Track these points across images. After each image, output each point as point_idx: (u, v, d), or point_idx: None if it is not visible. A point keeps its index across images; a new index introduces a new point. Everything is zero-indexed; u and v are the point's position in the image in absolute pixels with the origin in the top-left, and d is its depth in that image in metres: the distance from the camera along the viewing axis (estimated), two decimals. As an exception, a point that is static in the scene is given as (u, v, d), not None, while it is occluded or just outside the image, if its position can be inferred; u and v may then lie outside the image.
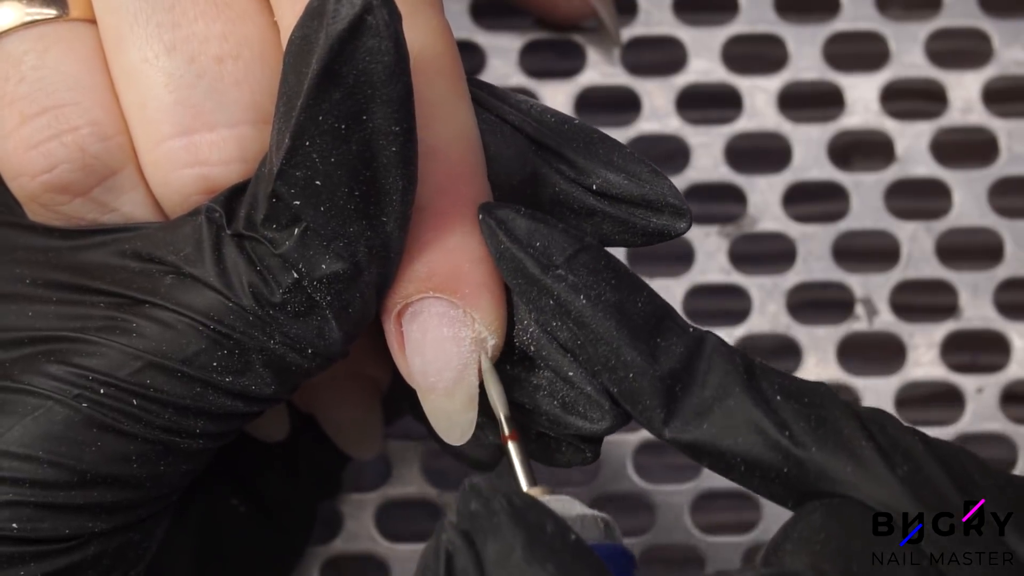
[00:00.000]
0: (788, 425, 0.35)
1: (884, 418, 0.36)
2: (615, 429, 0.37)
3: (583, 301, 0.36)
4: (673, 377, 0.36)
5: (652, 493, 0.53)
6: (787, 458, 0.35)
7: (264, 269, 0.36)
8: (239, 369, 0.36)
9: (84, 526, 0.36)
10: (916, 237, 0.55)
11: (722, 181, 0.55)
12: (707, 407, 0.36)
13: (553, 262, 0.37)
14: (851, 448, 0.35)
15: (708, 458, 0.36)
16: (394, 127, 0.35)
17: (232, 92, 0.37)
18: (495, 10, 0.56)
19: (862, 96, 0.56)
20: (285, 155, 0.35)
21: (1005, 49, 0.56)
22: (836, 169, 0.55)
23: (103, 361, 0.36)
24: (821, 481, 0.35)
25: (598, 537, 0.36)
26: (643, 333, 0.36)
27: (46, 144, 0.37)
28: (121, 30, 0.37)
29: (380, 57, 0.34)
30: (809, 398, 0.36)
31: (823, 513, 0.35)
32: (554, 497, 0.36)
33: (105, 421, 0.36)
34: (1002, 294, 0.54)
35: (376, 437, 0.47)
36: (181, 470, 0.37)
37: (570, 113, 0.55)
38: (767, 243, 0.55)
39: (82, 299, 0.37)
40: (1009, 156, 0.55)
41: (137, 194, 0.38)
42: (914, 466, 0.35)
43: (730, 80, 0.56)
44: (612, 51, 0.56)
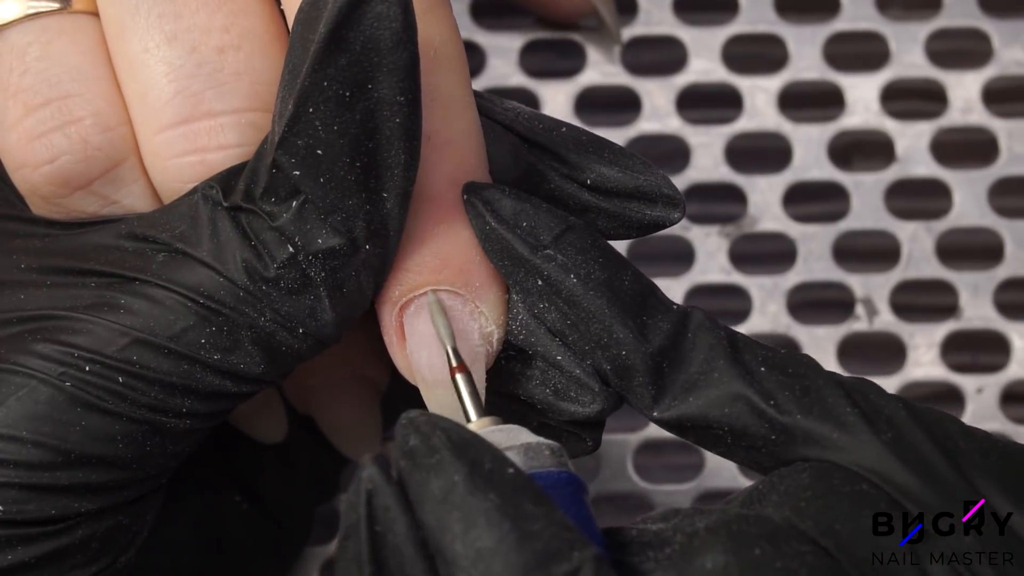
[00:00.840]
0: (773, 395, 0.36)
1: (867, 387, 0.36)
2: (608, 412, 0.37)
3: (573, 280, 0.36)
4: (662, 354, 0.36)
5: (652, 493, 0.53)
6: (773, 426, 0.36)
7: (259, 244, 0.36)
8: (228, 347, 0.36)
9: (70, 507, 0.36)
10: (916, 237, 0.55)
11: (722, 181, 0.55)
12: (693, 382, 0.36)
13: (541, 242, 0.37)
14: (836, 415, 0.35)
15: (695, 432, 0.36)
16: (399, 97, 0.35)
17: (232, 83, 0.37)
18: (495, 10, 0.56)
19: (862, 96, 0.56)
20: (288, 122, 0.35)
21: (1005, 49, 0.56)
22: (836, 169, 0.55)
23: (89, 338, 0.36)
24: (807, 447, 0.35)
25: (544, 464, 0.35)
26: (632, 310, 0.36)
27: (49, 135, 0.37)
28: (123, 20, 0.37)
29: (388, 23, 0.34)
30: (793, 368, 0.36)
31: (811, 474, 0.35)
32: (500, 427, 0.36)
33: (89, 400, 0.36)
34: (1002, 294, 0.54)
35: (374, 439, 0.47)
36: (168, 451, 0.37)
37: (570, 113, 0.55)
38: (767, 243, 0.55)
39: (74, 280, 0.37)
40: (1009, 156, 0.55)
41: (138, 186, 0.38)
42: (898, 432, 0.35)
43: (730, 80, 0.56)
44: (612, 51, 0.56)
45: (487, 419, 0.36)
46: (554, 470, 0.35)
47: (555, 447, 0.36)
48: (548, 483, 0.34)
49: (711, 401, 0.36)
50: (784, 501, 0.35)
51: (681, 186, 0.55)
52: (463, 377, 0.37)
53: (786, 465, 0.36)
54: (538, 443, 0.35)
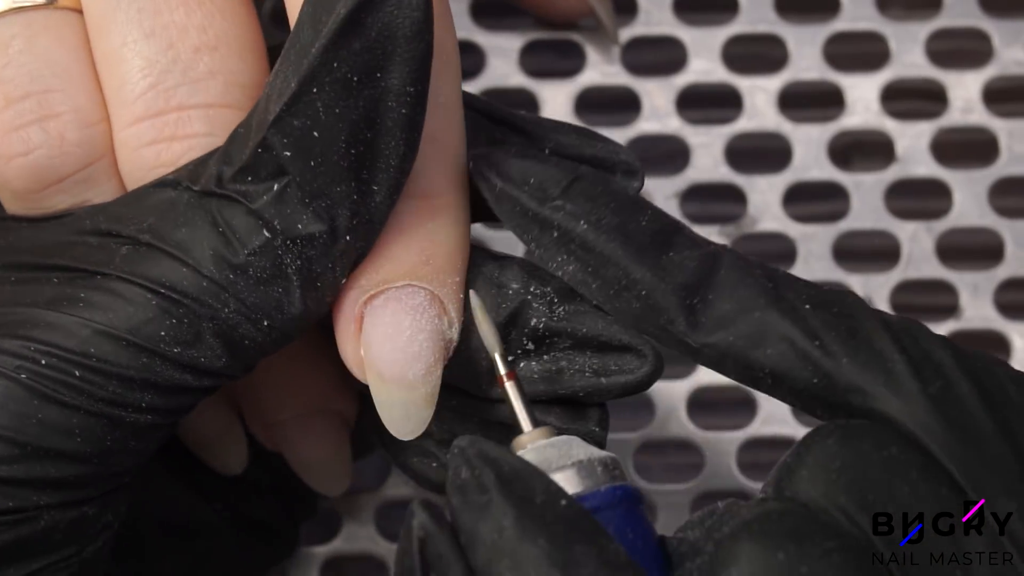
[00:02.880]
0: (818, 334, 0.35)
1: (917, 329, 0.35)
2: (659, 371, 0.37)
3: (584, 226, 0.36)
4: (687, 290, 0.36)
5: (652, 493, 0.53)
6: (817, 370, 0.35)
7: (228, 230, 0.35)
8: (188, 340, 0.36)
9: (29, 499, 0.36)
10: (916, 237, 0.55)
11: (722, 181, 0.55)
12: (731, 319, 0.35)
13: (549, 195, 0.37)
14: (883, 362, 0.35)
15: (735, 369, 0.36)
16: (409, 87, 0.35)
17: (206, 81, 0.37)
18: (495, 10, 0.56)
19: (862, 96, 0.55)
20: (288, 100, 0.34)
21: (1005, 49, 0.56)
22: (836, 169, 0.55)
23: (47, 332, 0.35)
24: (851, 395, 0.35)
25: (597, 482, 0.35)
26: (651, 250, 0.36)
27: (26, 128, 0.37)
28: (105, 15, 0.37)
29: (409, 12, 0.34)
30: (839, 308, 0.35)
31: (838, 439, 0.34)
32: (552, 441, 0.36)
33: (46, 392, 0.35)
34: (1002, 294, 0.54)
35: (344, 474, 0.46)
36: (130, 447, 0.36)
37: (570, 113, 0.55)
38: (767, 243, 0.55)
39: (37, 276, 0.37)
40: (1009, 156, 0.55)
41: (111, 185, 0.38)
42: (945, 383, 0.34)
43: (730, 80, 0.56)
44: (612, 51, 0.56)
45: (538, 431, 0.36)
46: (609, 487, 0.35)
47: (608, 460, 0.35)
48: (604, 503, 0.34)
49: (751, 338, 0.35)
50: (815, 475, 0.34)
51: (681, 186, 0.55)
52: (513, 385, 0.37)
53: (829, 407, 0.35)
54: (590, 459, 0.35)
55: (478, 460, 0.33)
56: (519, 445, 0.36)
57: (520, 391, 0.37)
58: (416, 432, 0.37)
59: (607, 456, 0.35)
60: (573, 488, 0.34)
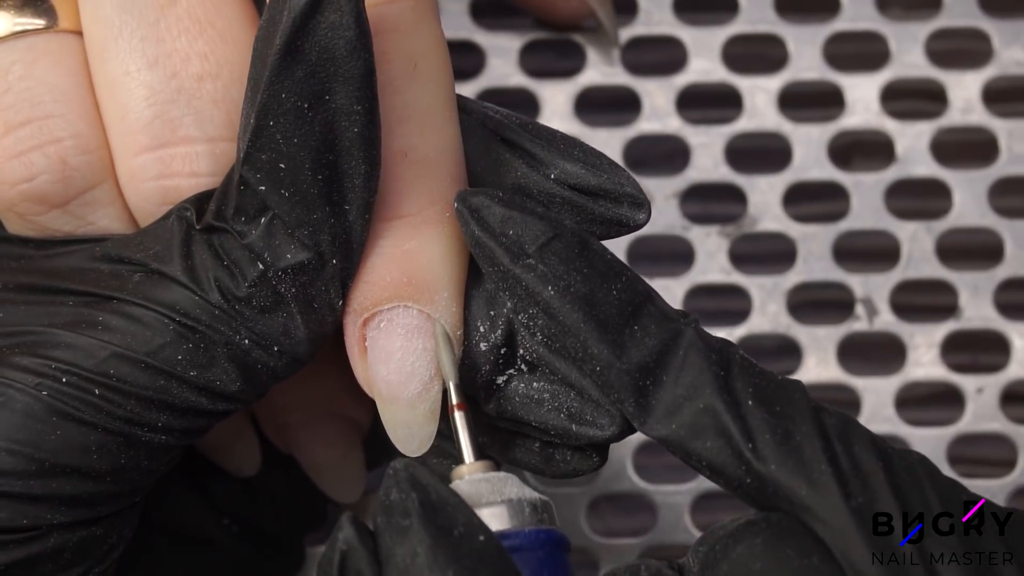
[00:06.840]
0: (753, 436, 0.35)
1: (853, 435, 0.36)
2: (627, 433, 0.37)
3: (551, 292, 0.36)
4: (642, 371, 0.36)
5: (652, 493, 0.53)
6: (748, 471, 0.35)
7: (231, 263, 0.36)
8: (204, 363, 0.36)
9: (43, 517, 0.36)
10: (916, 237, 0.55)
11: (722, 181, 0.55)
12: (678, 405, 0.36)
13: (525, 251, 0.36)
14: (809, 471, 0.35)
15: (677, 454, 0.36)
16: (356, 106, 0.35)
17: (210, 110, 0.37)
18: (495, 10, 0.56)
19: (862, 96, 0.56)
20: (251, 136, 0.35)
21: (1005, 49, 0.56)
22: (836, 169, 0.55)
23: (67, 352, 0.36)
24: (777, 499, 0.35)
25: (523, 522, 0.35)
26: (614, 324, 0.36)
27: (28, 154, 0.37)
28: (106, 42, 0.37)
29: (342, 32, 0.34)
30: (781, 406, 0.36)
31: (764, 540, 0.35)
32: (488, 476, 0.36)
33: (65, 410, 0.36)
34: (1002, 294, 0.54)
35: (357, 479, 0.47)
36: (143, 467, 0.37)
37: (570, 113, 0.55)
38: (767, 243, 0.55)
39: (51, 299, 0.37)
40: (1009, 156, 0.55)
41: (114, 209, 0.38)
42: (869, 498, 0.35)
43: (730, 80, 0.56)
44: (612, 51, 0.56)
45: (479, 464, 0.36)
46: (533, 529, 0.35)
47: (539, 503, 0.36)
48: (525, 543, 0.34)
49: (693, 430, 0.35)
50: (733, 572, 0.34)
51: (681, 186, 0.55)
52: (462, 416, 0.37)
53: (761, 505, 0.35)
54: (520, 500, 0.35)
55: (407, 484, 0.34)
56: (457, 475, 0.36)
57: (468, 422, 0.37)
58: (422, 449, 0.38)
59: (539, 499, 0.36)
60: (497, 525, 0.35)
